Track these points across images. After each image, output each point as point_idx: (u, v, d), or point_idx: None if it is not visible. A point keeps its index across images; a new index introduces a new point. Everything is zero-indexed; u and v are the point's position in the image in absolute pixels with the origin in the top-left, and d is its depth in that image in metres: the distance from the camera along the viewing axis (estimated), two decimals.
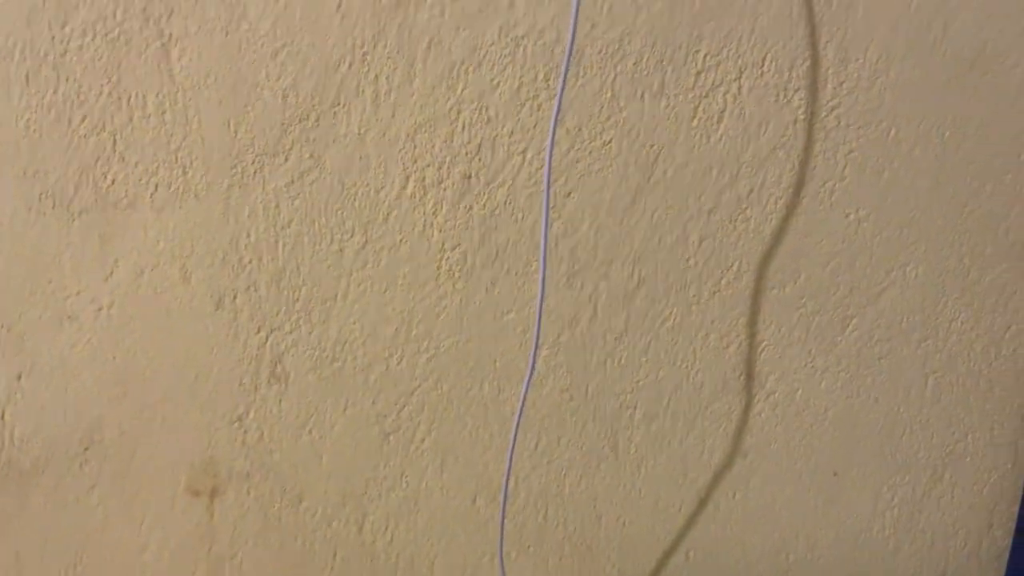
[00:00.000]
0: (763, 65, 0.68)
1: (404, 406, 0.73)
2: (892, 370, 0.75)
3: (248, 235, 0.68)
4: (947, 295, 0.74)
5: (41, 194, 0.66)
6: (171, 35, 0.64)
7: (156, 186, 0.67)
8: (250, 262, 0.69)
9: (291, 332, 0.70)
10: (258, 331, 0.70)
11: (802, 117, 0.69)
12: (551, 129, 0.66)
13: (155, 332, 0.70)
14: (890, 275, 0.73)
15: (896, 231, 0.72)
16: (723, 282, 0.72)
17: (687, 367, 0.74)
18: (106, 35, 0.64)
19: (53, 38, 0.63)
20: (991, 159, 0.71)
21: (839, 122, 0.69)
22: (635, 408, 0.75)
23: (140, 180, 0.66)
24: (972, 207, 0.72)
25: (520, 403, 0.71)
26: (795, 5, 0.66)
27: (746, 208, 0.71)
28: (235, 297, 0.69)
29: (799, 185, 0.71)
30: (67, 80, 0.64)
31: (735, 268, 0.72)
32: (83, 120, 0.65)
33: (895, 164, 0.70)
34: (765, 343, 0.74)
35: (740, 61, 0.68)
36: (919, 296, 0.74)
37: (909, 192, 0.71)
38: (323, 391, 0.72)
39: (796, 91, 0.68)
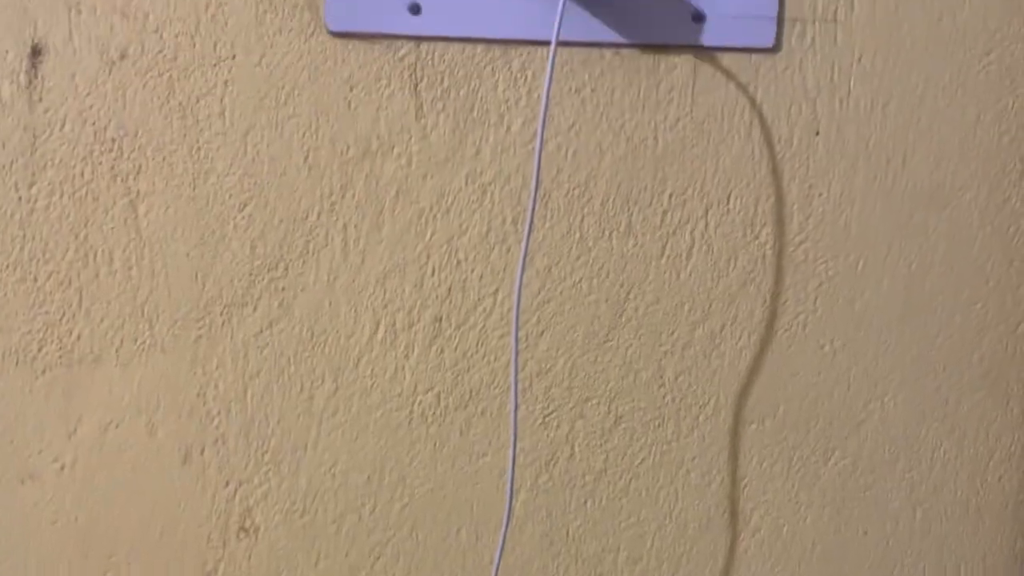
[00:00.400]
0: (728, 202, 0.69)
1: (378, 557, 0.70)
2: (878, 501, 0.74)
3: (216, 386, 0.67)
4: (928, 424, 0.73)
5: (4, 353, 0.65)
6: (139, 191, 0.64)
7: (122, 340, 0.66)
8: (218, 414, 0.67)
9: (260, 484, 0.69)
10: (227, 484, 0.68)
11: (770, 252, 0.69)
12: (519, 269, 0.67)
13: (120, 489, 0.67)
14: (869, 405, 0.72)
15: (872, 361, 0.71)
16: (701, 418, 0.71)
17: (669, 506, 0.72)
18: (73, 194, 0.64)
19: (20, 199, 0.63)
20: (958, 288, 0.71)
21: (807, 255, 0.70)
22: (618, 551, 0.72)
23: (106, 335, 0.66)
24: (944, 336, 0.71)
25: (499, 550, 0.69)
26: (756, 144, 0.68)
27: (720, 343, 0.70)
28: (203, 450, 0.68)
29: (772, 318, 0.70)
30: (33, 239, 0.64)
31: (712, 403, 0.71)
32: (49, 277, 0.65)
33: (866, 295, 0.71)
34: (747, 479, 0.72)
35: (705, 199, 0.68)
36: (900, 425, 0.73)
37: (882, 322, 0.71)
38: (294, 544, 0.70)
39: (763, 226, 0.69)
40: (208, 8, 0.62)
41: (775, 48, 0.67)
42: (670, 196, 0.68)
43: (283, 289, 0.66)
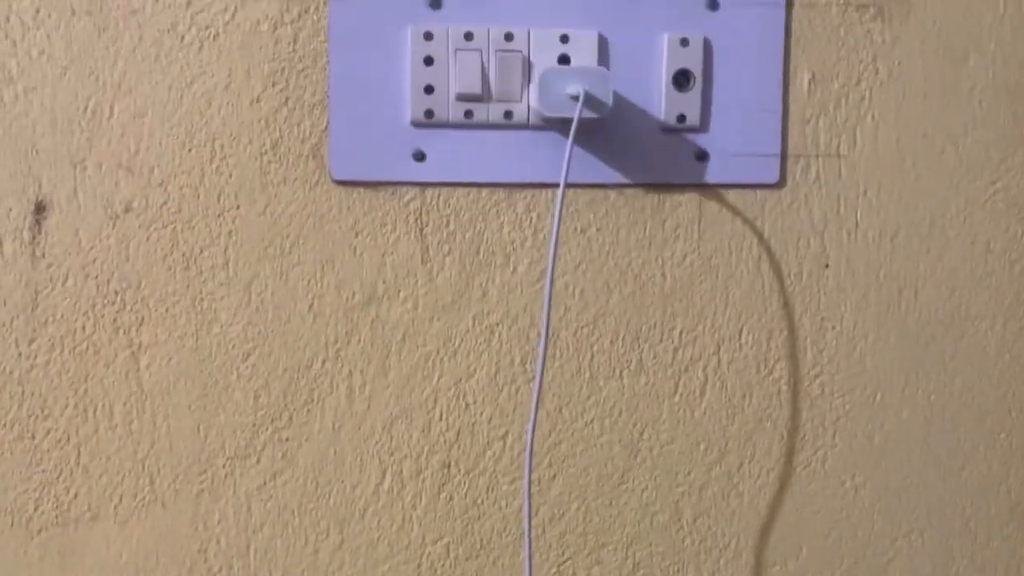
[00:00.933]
0: (740, 337, 0.67)
1: None
2: None
3: (218, 542, 0.65)
4: (957, 561, 0.70)
5: None
6: (141, 344, 0.63)
7: (121, 497, 0.64)
8: (220, 571, 0.65)
9: None
10: None
11: (785, 387, 0.68)
12: (532, 411, 0.65)
13: None
14: (895, 543, 0.69)
15: (895, 497, 0.69)
16: (722, 561, 0.68)
17: None
18: (74, 348, 0.63)
19: (20, 355, 0.62)
20: (981, 419, 0.69)
21: (823, 390, 0.68)
22: None
23: (104, 492, 0.64)
24: (970, 469, 0.69)
25: None
26: (765, 279, 0.67)
27: (738, 482, 0.68)
28: None
29: (790, 455, 0.68)
30: (32, 395, 0.63)
31: (733, 545, 0.68)
32: (47, 434, 0.63)
33: (885, 428, 0.69)
34: None
35: (717, 335, 0.67)
36: (928, 564, 0.70)
37: (903, 456, 0.69)
38: None
39: (776, 361, 0.68)
40: (213, 160, 0.62)
41: (780, 183, 0.66)
42: (681, 333, 0.67)
43: (287, 439, 0.65)
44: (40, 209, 0.62)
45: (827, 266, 0.67)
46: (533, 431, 0.62)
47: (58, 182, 0.62)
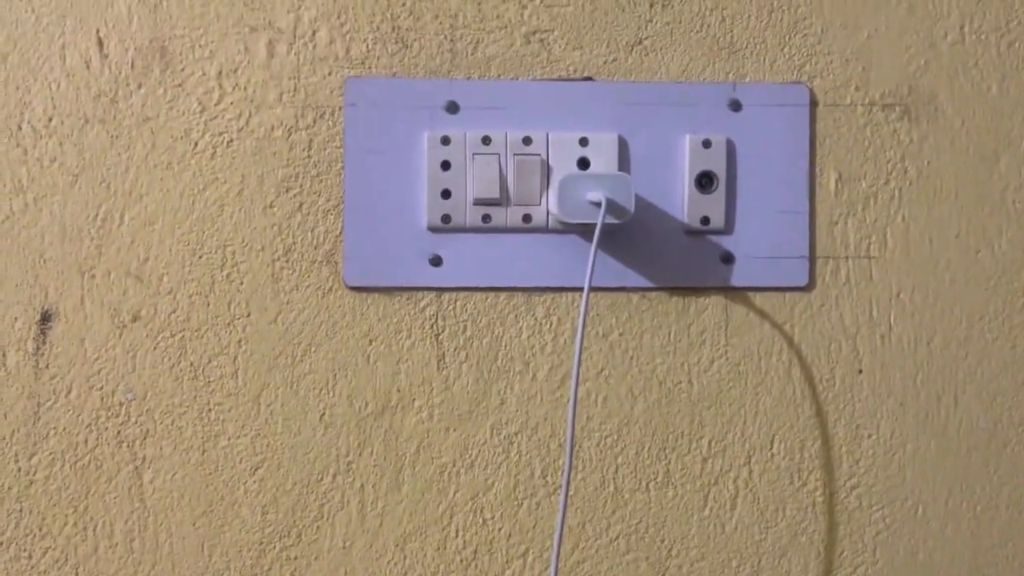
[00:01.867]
0: (772, 447, 0.64)
1: None
2: None
3: None
4: None
5: None
6: (145, 457, 0.61)
7: None
8: None
9: None
10: None
11: (820, 499, 0.64)
12: (558, 526, 0.62)
13: None
14: None
15: None
16: None
17: None
18: (75, 463, 0.60)
19: (19, 470, 0.60)
20: None
21: (860, 502, 0.65)
22: None
23: None
24: None
25: None
26: (797, 385, 0.64)
27: None
28: None
29: (828, 573, 0.64)
30: (31, 512, 0.60)
31: None
32: (44, 554, 0.60)
33: (929, 543, 0.65)
34: None
35: (747, 445, 0.64)
36: None
37: (949, 573, 0.65)
38: None
39: (810, 472, 0.64)
40: (223, 267, 0.61)
41: (809, 286, 0.64)
42: (709, 442, 0.64)
43: (295, 558, 0.61)
44: (46, 319, 0.60)
45: (860, 371, 0.64)
46: (558, 548, 0.59)
47: (65, 291, 0.60)
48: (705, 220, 0.63)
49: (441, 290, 0.62)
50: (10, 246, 0.60)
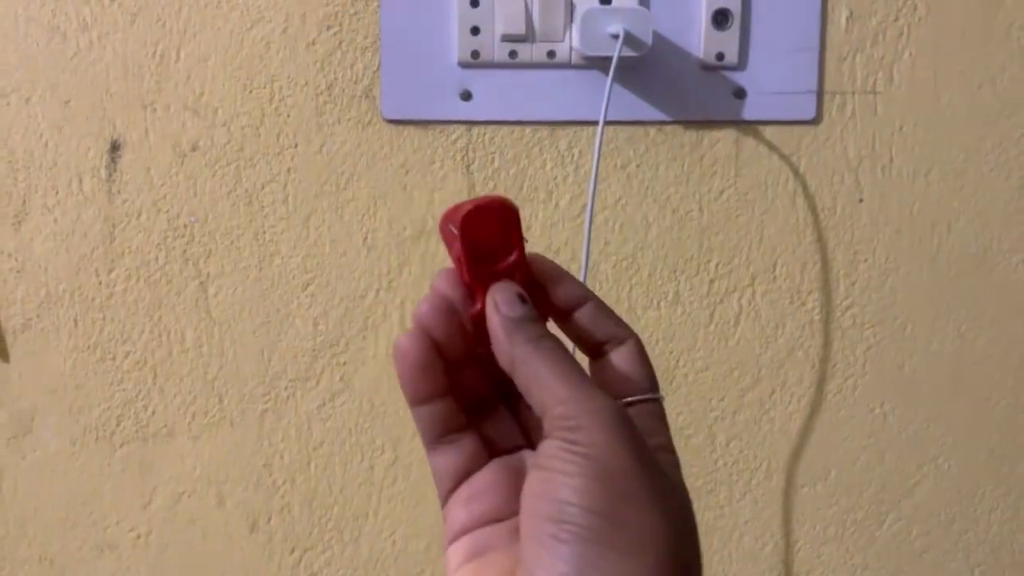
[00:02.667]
0: (775, 270, 0.70)
1: None
2: (935, 564, 0.73)
3: (281, 458, 0.70)
4: (983, 486, 0.73)
5: (85, 428, 0.69)
6: (208, 274, 0.68)
7: (193, 415, 0.69)
8: (283, 484, 0.70)
9: (324, 551, 0.71)
10: (292, 551, 0.71)
11: (817, 318, 0.71)
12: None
13: (192, 557, 0.71)
14: (922, 468, 0.72)
15: (923, 424, 0.72)
16: (753, 482, 0.72)
17: (723, 570, 0.73)
18: (148, 278, 0.68)
19: (100, 284, 0.68)
20: (1009, 351, 0.71)
21: (854, 321, 0.71)
22: None
23: (178, 410, 0.69)
24: (996, 399, 0.72)
25: None
26: (800, 213, 0.69)
27: (770, 408, 0.71)
28: (269, 519, 0.71)
29: (821, 383, 0.71)
30: (112, 321, 0.68)
31: (764, 467, 0.72)
32: (126, 357, 0.69)
33: (915, 359, 0.71)
34: (800, 542, 0.73)
35: (752, 268, 0.70)
36: (954, 488, 0.73)
37: (931, 385, 0.71)
38: None
39: (809, 293, 0.70)
40: (272, 101, 0.66)
41: (816, 120, 0.68)
42: (716, 265, 0.70)
43: (344, 364, 0.69)
44: (115, 148, 0.66)
45: (861, 201, 0.69)
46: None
47: (130, 122, 0.66)
48: (720, 56, 0.66)
49: (471, 123, 0.67)
50: (79, 80, 0.65)
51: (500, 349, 0.34)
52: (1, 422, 0.69)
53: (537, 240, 0.69)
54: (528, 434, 0.38)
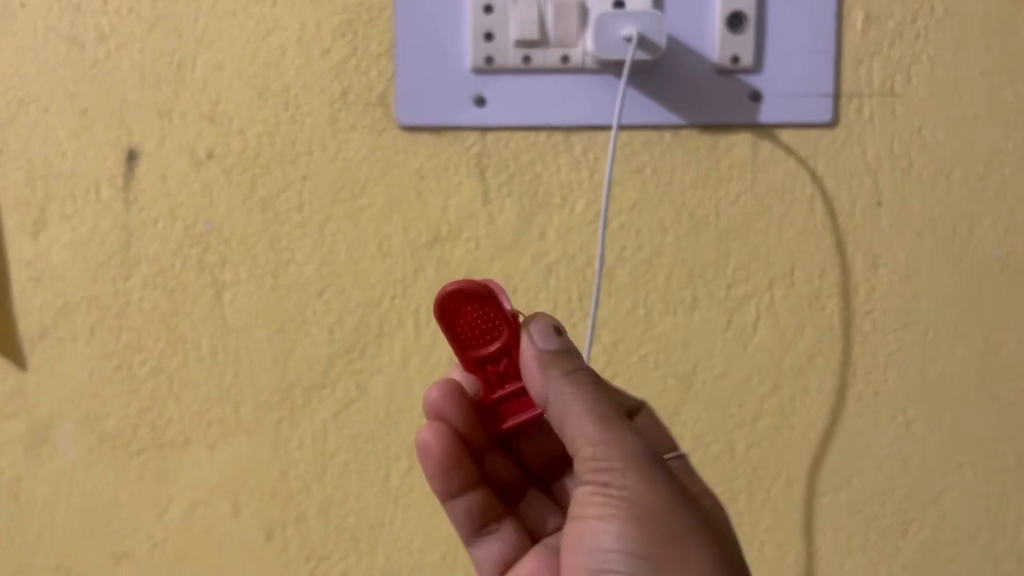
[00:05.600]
0: (793, 275, 0.69)
1: None
2: (961, 575, 0.72)
3: (297, 466, 0.70)
4: (1010, 494, 0.71)
5: (102, 437, 0.69)
6: (224, 282, 0.68)
7: (209, 424, 0.69)
8: (299, 493, 0.70)
9: (340, 561, 0.71)
10: (307, 560, 0.71)
11: (837, 323, 0.70)
12: (587, 345, 0.68)
13: (207, 566, 0.70)
14: (947, 476, 0.71)
15: (948, 431, 0.70)
16: (774, 490, 0.71)
17: None
18: (164, 286, 0.68)
19: (117, 292, 0.68)
20: None
21: (875, 326, 0.70)
22: None
23: (194, 419, 0.69)
24: (1021, 405, 0.70)
25: None
26: (818, 217, 0.68)
27: (790, 415, 0.70)
28: (285, 528, 0.70)
29: (842, 389, 0.70)
30: (129, 329, 0.68)
31: (785, 475, 0.71)
32: (143, 365, 0.69)
33: (938, 365, 0.70)
34: (823, 552, 0.72)
35: (770, 272, 0.69)
36: (981, 496, 0.71)
37: (956, 392, 0.70)
38: None
39: (829, 298, 0.69)
40: (287, 109, 0.67)
41: (833, 123, 0.68)
42: (734, 270, 0.69)
43: (359, 371, 0.69)
44: (132, 156, 0.67)
45: (880, 204, 0.68)
46: (588, 363, 0.65)
47: (147, 131, 0.66)
48: (735, 59, 0.66)
49: (485, 129, 0.67)
50: (97, 90, 0.66)
51: (534, 384, 0.33)
52: (18, 431, 0.69)
53: (552, 246, 0.68)
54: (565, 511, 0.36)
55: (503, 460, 0.36)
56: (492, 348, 0.34)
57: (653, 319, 0.70)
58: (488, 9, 0.65)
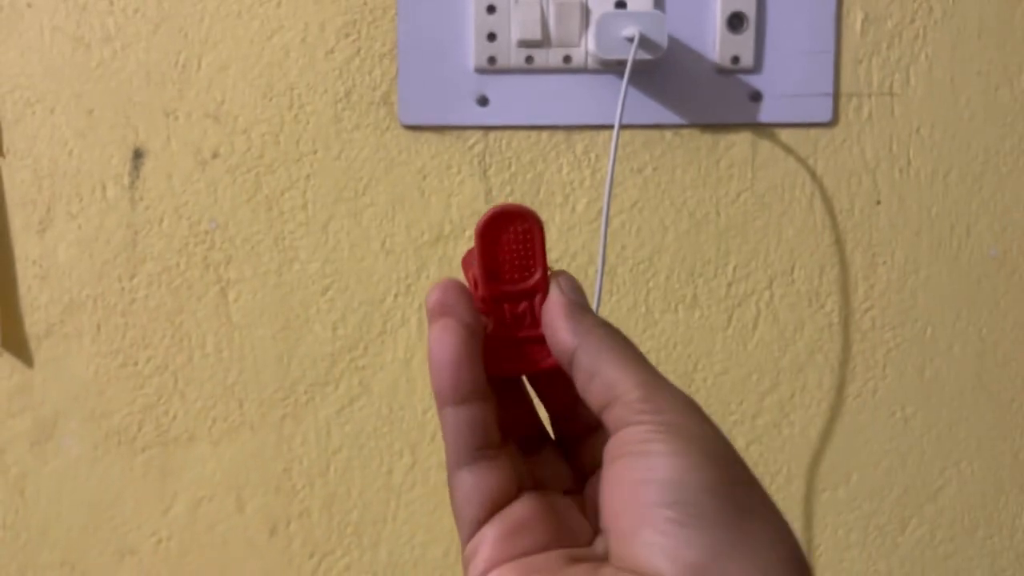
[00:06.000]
0: (792, 273, 0.70)
1: None
2: (959, 570, 0.72)
3: (301, 462, 0.70)
4: (1007, 491, 0.72)
5: (107, 433, 0.69)
6: (229, 280, 0.69)
7: (214, 420, 0.70)
8: (302, 488, 0.71)
9: (343, 556, 0.71)
10: (311, 556, 0.71)
11: (836, 321, 0.70)
12: None
13: (211, 562, 0.71)
14: (945, 472, 0.72)
15: (946, 428, 0.71)
16: (773, 487, 0.72)
17: None
18: (170, 284, 0.68)
19: (123, 290, 0.68)
20: None
21: (874, 323, 0.70)
22: None
23: (199, 415, 0.70)
24: (1020, 402, 0.71)
25: None
26: (818, 215, 0.69)
27: (790, 412, 0.71)
28: (288, 524, 0.71)
29: (841, 386, 0.71)
30: (134, 327, 0.69)
31: (784, 472, 0.72)
32: (148, 362, 0.69)
33: (936, 362, 0.71)
34: (822, 548, 0.72)
35: (770, 271, 0.70)
36: (978, 492, 0.72)
37: (954, 389, 0.71)
38: None
39: (828, 296, 0.70)
40: (291, 109, 0.67)
41: (832, 122, 0.68)
42: (734, 268, 0.70)
43: (363, 368, 0.70)
44: (138, 155, 0.67)
45: (879, 203, 0.69)
46: None
47: (152, 131, 0.67)
48: (735, 59, 0.67)
49: (488, 128, 0.68)
50: (103, 90, 0.66)
51: (558, 332, 0.31)
52: (24, 428, 0.70)
53: (554, 244, 0.69)
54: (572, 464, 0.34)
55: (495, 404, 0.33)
56: (522, 285, 0.33)
57: (654, 317, 0.70)
58: (491, 10, 0.65)
